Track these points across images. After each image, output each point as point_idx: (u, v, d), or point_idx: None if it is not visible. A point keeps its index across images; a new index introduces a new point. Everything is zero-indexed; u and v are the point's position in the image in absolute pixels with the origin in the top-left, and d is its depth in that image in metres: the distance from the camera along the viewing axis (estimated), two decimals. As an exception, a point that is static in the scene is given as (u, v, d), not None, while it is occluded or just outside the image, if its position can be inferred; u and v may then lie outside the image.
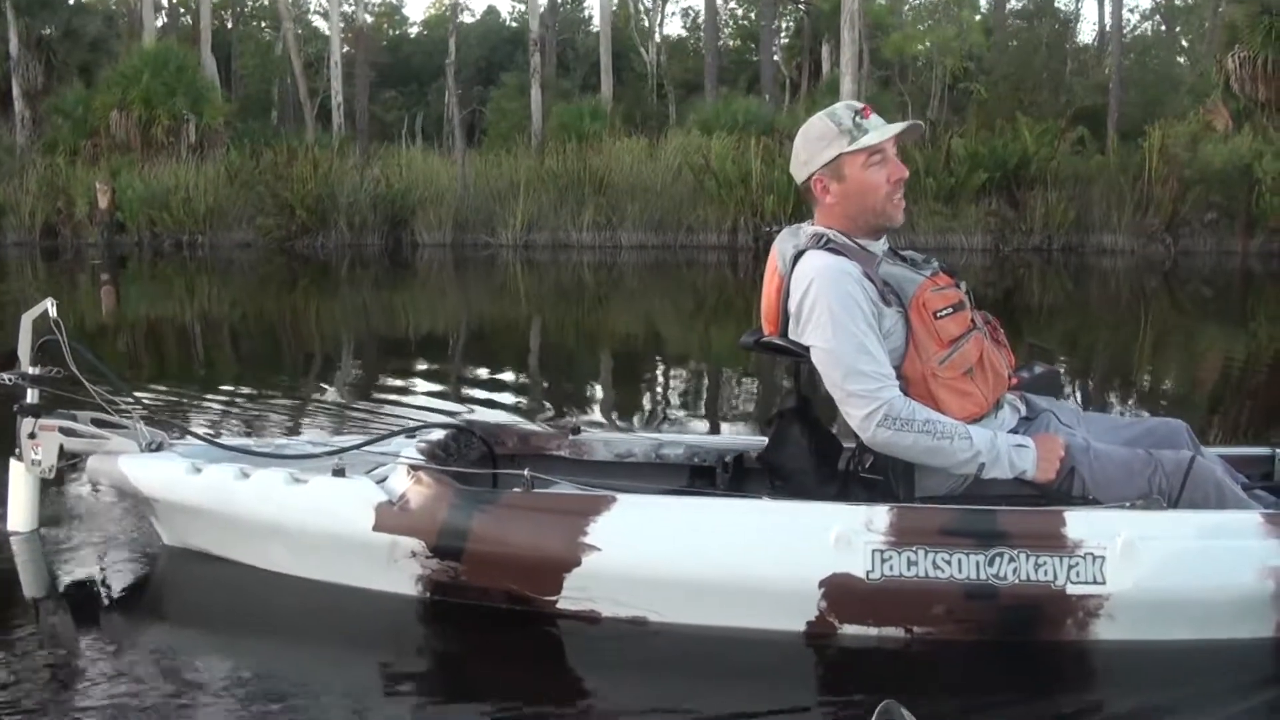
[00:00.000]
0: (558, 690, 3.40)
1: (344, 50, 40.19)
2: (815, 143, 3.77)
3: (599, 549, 3.61)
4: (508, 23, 58.51)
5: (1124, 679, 3.40)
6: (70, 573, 4.27)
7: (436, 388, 8.86)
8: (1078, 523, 3.46)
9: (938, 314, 3.65)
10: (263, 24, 53.91)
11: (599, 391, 8.98)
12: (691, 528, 3.65)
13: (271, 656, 3.59)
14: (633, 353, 11.25)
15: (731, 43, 52.74)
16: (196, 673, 3.40)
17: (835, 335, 3.58)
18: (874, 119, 3.75)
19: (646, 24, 51.34)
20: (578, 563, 3.62)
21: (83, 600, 4.05)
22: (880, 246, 3.83)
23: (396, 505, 3.83)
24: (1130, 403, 8.27)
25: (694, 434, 6.19)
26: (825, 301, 3.61)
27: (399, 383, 9.17)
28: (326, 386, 8.89)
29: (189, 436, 4.62)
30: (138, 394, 5.02)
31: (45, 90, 32.20)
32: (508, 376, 9.68)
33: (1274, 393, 8.94)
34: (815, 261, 3.68)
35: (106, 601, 4.06)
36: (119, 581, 4.22)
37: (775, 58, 43.57)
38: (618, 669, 3.51)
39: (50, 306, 4.40)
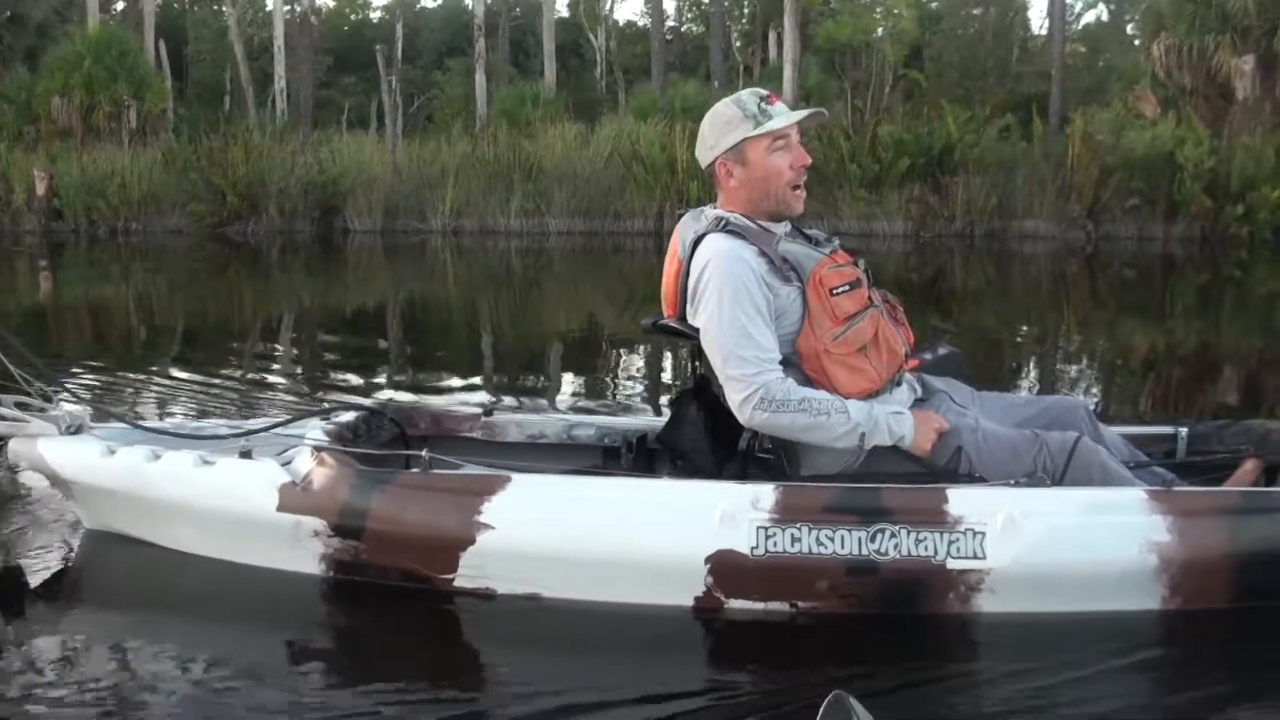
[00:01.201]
0: (454, 667, 3.43)
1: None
2: (721, 127, 3.82)
3: (493, 528, 3.64)
4: (471, 7, 57.84)
5: (1011, 650, 3.44)
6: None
7: (359, 371, 8.86)
8: (960, 500, 3.52)
9: (834, 291, 3.69)
10: (221, 8, 53.29)
11: (519, 374, 8.99)
12: (583, 506, 3.70)
13: (181, 637, 3.58)
14: (553, 336, 11.26)
15: (695, 28, 52.01)
16: (108, 654, 3.42)
17: (720, 319, 3.64)
18: (779, 105, 3.79)
19: (600, 9, 50.97)
20: (473, 541, 3.65)
21: (2, 583, 4.05)
22: (782, 226, 3.86)
23: (300, 486, 3.85)
24: (1036, 383, 8.40)
25: (605, 415, 6.14)
26: (715, 285, 3.66)
27: (323, 366, 9.21)
28: (251, 369, 8.84)
29: (110, 419, 4.61)
30: (60, 377, 4.99)
31: (-10, 76, 31.69)
32: (429, 360, 9.76)
33: (1184, 373, 9.07)
34: (712, 246, 3.72)
35: (26, 584, 4.03)
36: (39, 564, 4.20)
37: (737, 44, 43.42)
38: (512, 645, 3.55)
39: None
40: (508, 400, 7.30)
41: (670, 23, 54.91)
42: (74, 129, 27.41)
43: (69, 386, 5.03)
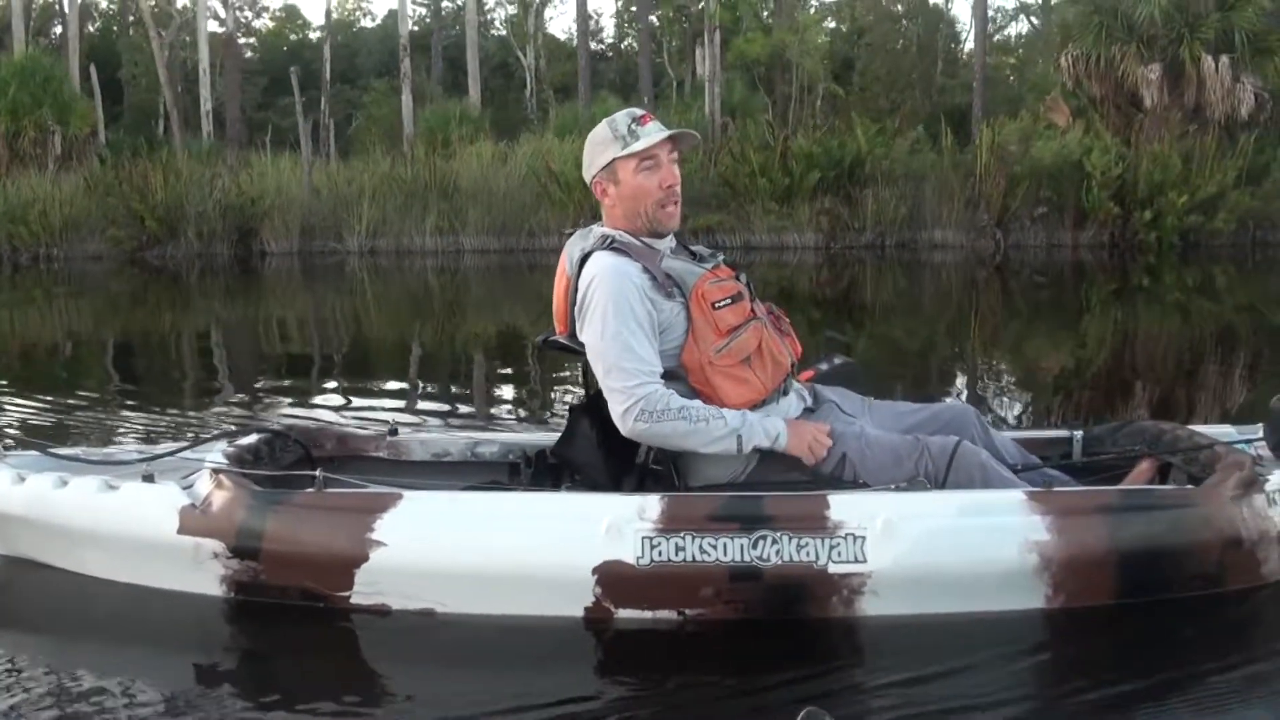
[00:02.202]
0: (352, 685, 3.42)
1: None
2: (596, 147, 3.91)
3: (386, 545, 3.65)
4: (411, 26, 57.48)
5: (899, 652, 3.45)
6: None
7: (272, 393, 8.87)
8: (840, 505, 3.56)
9: (716, 305, 3.75)
10: (161, 31, 52.96)
11: (430, 392, 9.01)
12: (473, 522, 3.72)
13: (88, 662, 3.56)
14: (465, 353, 11.28)
15: (635, 45, 51.11)
16: (12, 680, 3.39)
17: (604, 334, 3.70)
18: (650, 126, 3.84)
19: (526, 28, 50.80)
20: (366, 558, 3.66)
21: None
22: (665, 243, 3.92)
23: (199, 509, 3.85)
24: (941, 392, 8.42)
25: (509, 431, 6.28)
26: (599, 301, 3.71)
27: (237, 389, 9.12)
28: (166, 394, 8.80)
29: (21, 448, 4.65)
30: None
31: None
32: (342, 380, 9.68)
33: (1089, 379, 9.13)
34: (598, 263, 3.78)
35: None
36: None
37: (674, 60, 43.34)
38: (409, 661, 3.57)
39: None
40: (417, 419, 7.27)
41: (609, 40, 54.86)
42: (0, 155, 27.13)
43: None
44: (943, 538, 3.55)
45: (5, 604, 4.16)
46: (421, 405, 8.21)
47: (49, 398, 8.26)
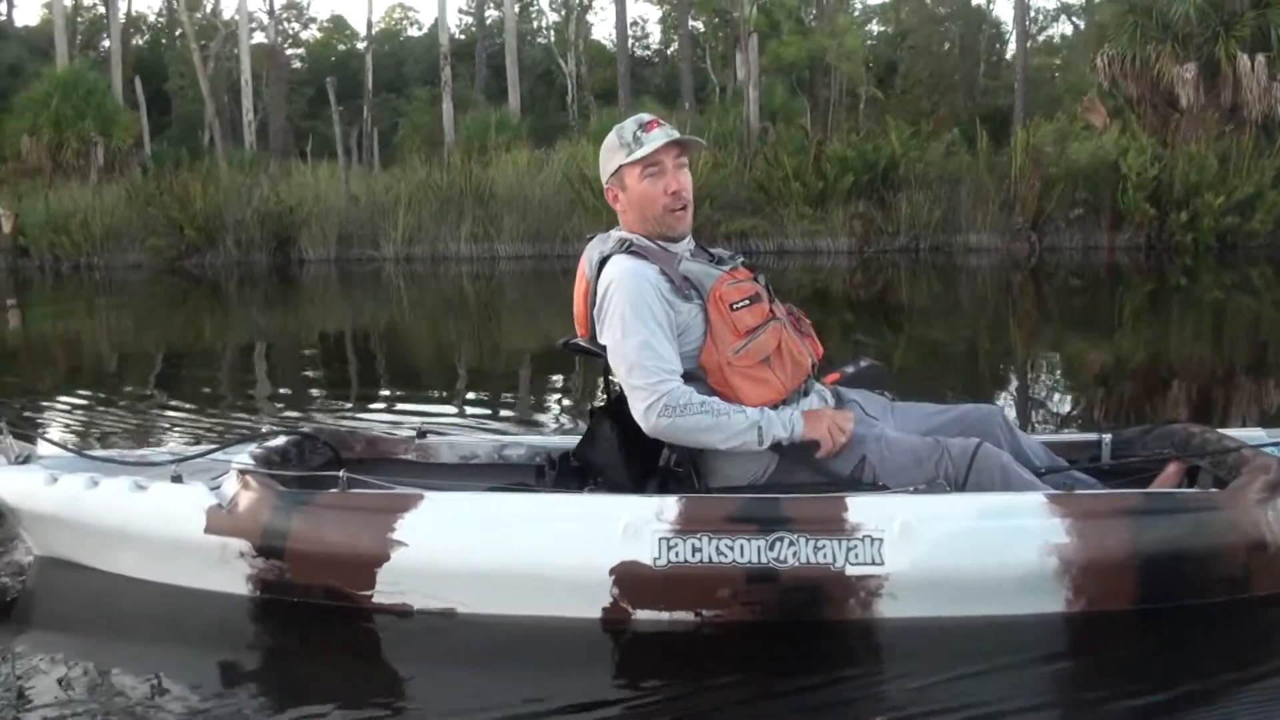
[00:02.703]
0: (374, 685, 3.46)
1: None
2: (605, 154, 3.97)
3: (407, 545, 3.69)
4: (456, 35, 57.08)
5: (918, 655, 3.44)
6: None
7: (306, 398, 8.92)
8: (858, 507, 3.54)
9: (734, 306, 3.77)
10: (204, 44, 53.34)
11: (459, 396, 9.04)
12: (493, 523, 3.74)
13: (118, 659, 3.65)
14: (498, 357, 11.37)
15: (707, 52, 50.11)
16: (45, 677, 3.46)
17: (624, 334, 3.71)
18: (655, 133, 3.85)
19: (567, 35, 50.61)
20: (388, 558, 3.70)
21: None
22: (683, 246, 3.94)
23: (226, 508, 3.90)
24: (974, 396, 8.27)
25: (537, 434, 6.28)
26: (618, 304, 3.74)
27: (271, 393, 9.25)
28: (203, 398, 8.88)
29: (57, 449, 4.69)
30: (14, 411, 5.11)
31: (-36, 117, 32.10)
32: (372, 385, 9.82)
33: (1124, 382, 9.00)
34: (616, 266, 3.82)
35: None
36: None
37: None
38: (430, 660, 3.60)
39: None
40: (448, 422, 7.25)
41: (655, 45, 54.59)
42: (43, 167, 27.46)
43: (25, 419, 5.22)
44: (961, 540, 3.52)
45: (42, 603, 4.24)
46: (452, 409, 8.26)
47: (87, 401, 8.43)
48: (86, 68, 33.09)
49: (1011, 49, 42.06)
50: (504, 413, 8.01)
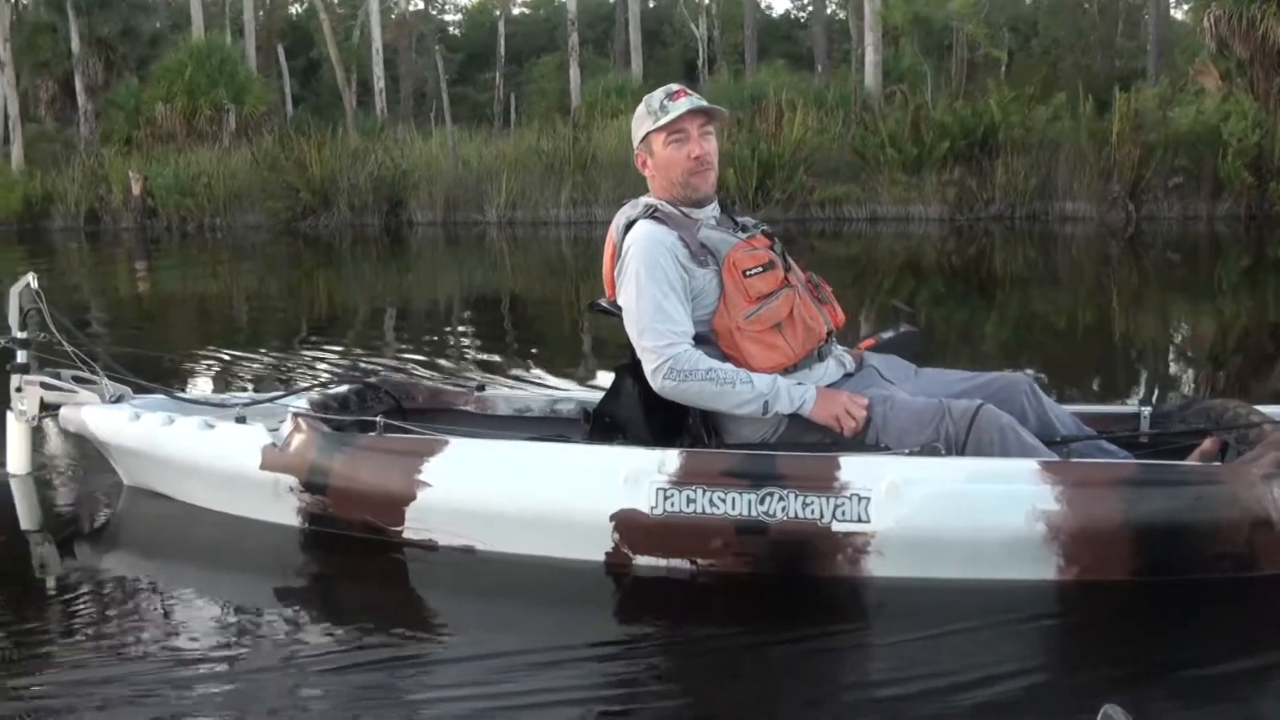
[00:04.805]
0: (402, 610, 3.76)
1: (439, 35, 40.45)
2: (635, 122, 4.09)
3: (431, 485, 3.96)
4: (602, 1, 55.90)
5: (905, 614, 3.49)
6: (50, 510, 4.92)
7: (393, 348, 9.37)
8: (850, 467, 3.60)
9: (747, 272, 3.86)
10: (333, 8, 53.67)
11: (534, 353, 9.28)
12: (510, 468, 3.96)
13: (186, 580, 4.08)
14: (575, 317, 11.33)
15: (843, 13, 46.41)
16: (118, 594, 3.87)
17: (638, 297, 3.84)
18: (682, 101, 3.95)
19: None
20: (415, 497, 3.98)
21: (59, 532, 4.60)
22: (706, 212, 4.03)
23: (279, 448, 4.26)
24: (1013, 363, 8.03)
25: (586, 389, 6.54)
26: (635, 267, 3.86)
27: (364, 345, 9.67)
28: (299, 349, 9.37)
29: (152, 391, 5.06)
30: (115, 353, 5.40)
31: (105, 85, 33.14)
32: (459, 339, 10.15)
33: (1197, 355, 8.76)
34: (638, 231, 3.94)
35: (75, 534, 4.56)
36: (86, 517, 4.79)
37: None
38: (452, 591, 3.92)
39: (32, 280, 4.96)
40: (514, 375, 7.68)
41: (809, 7, 53.50)
42: (177, 133, 28.06)
43: (132, 363, 5.46)
44: (948, 502, 3.53)
45: (126, 528, 4.67)
46: (521, 363, 8.48)
47: (202, 348, 9.14)
48: (221, 38, 33.63)
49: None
50: (568, 369, 8.12)
